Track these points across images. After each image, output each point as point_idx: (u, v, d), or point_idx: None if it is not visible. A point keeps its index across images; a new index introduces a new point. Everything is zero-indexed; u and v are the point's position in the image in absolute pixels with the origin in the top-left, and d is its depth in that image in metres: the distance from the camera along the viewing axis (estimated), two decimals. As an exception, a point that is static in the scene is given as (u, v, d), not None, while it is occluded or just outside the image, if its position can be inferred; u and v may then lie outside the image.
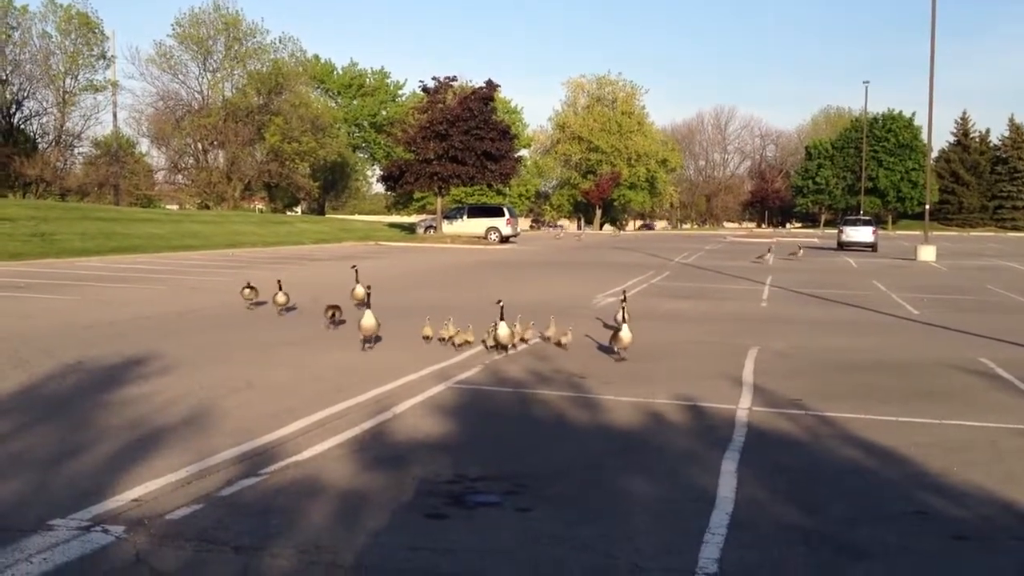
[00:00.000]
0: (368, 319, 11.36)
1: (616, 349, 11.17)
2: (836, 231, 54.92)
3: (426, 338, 11.93)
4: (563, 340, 11.93)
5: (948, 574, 4.77)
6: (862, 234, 49.33)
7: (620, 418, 8.16)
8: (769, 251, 38.20)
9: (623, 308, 12.25)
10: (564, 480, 6.28)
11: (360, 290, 15.35)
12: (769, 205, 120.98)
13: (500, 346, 11.37)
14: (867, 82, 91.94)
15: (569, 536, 5.12)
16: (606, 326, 12.17)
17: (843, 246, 48.98)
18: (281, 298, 14.77)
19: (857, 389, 9.75)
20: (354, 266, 16.83)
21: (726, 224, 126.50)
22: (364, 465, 6.48)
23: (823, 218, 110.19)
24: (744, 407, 8.68)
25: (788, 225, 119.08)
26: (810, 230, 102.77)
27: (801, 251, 40.57)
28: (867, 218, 55.25)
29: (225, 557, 4.69)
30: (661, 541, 5.07)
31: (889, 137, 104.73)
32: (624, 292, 12.75)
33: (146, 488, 5.74)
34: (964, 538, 5.26)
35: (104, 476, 5.98)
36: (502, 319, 11.20)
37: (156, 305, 16.73)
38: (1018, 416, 8.51)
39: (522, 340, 11.90)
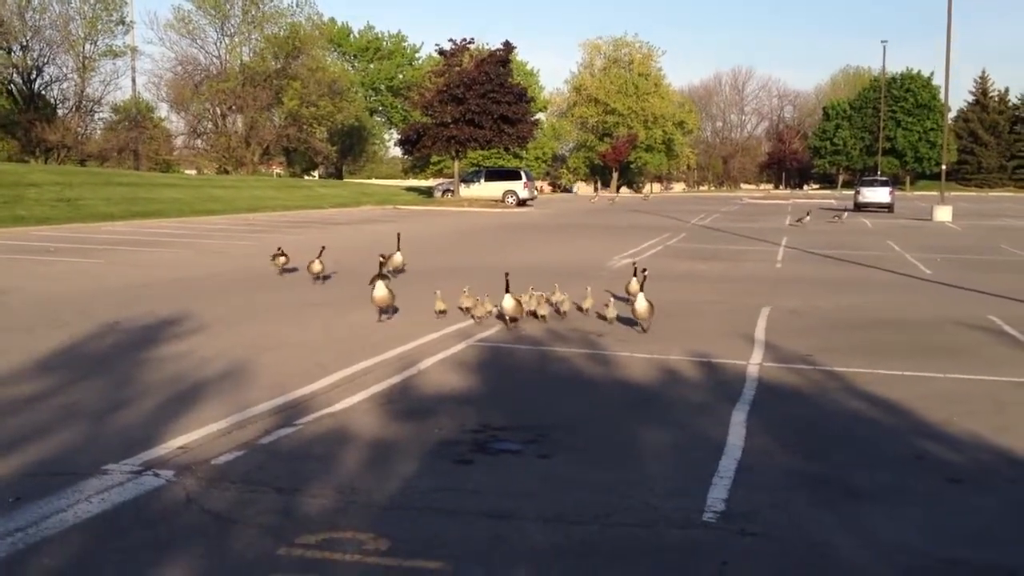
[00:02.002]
0: (380, 290, 10.91)
1: (637, 320, 10.65)
2: (853, 192, 54.78)
3: (440, 312, 11.17)
4: (584, 305, 11.50)
5: (940, 512, 5.11)
6: (879, 195, 49.29)
7: (635, 373, 8.51)
8: (808, 214, 37.51)
9: (635, 278, 11.90)
10: (582, 430, 6.65)
11: (399, 257, 15.28)
12: (787, 167, 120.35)
13: (507, 318, 10.80)
14: (885, 42, 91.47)
15: (586, 480, 5.49)
16: (616, 297, 12.08)
17: (860, 207, 48.93)
18: (316, 266, 14.45)
19: (865, 345, 10.06)
20: (399, 233, 16.61)
21: (743, 186, 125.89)
22: (393, 416, 6.86)
23: (841, 179, 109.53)
24: (755, 363, 9.01)
25: (805, 186, 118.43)
26: (827, 191, 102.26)
27: (808, 216, 38.09)
28: (884, 179, 55.12)
29: (268, 497, 5.08)
30: (673, 484, 5.44)
31: (907, 97, 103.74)
32: (635, 265, 12.50)
33: (190, 437, 6.14)
34: (958, 480, 5.60)
35: (151, 426, 6.39)
36: (507, 291, 10.63)
37: (184, 268, 17.17)
38: (1021, 370, 8.81)
39: (533, 314, 11.10)
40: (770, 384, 8.16)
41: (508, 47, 56.03)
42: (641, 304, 10.47)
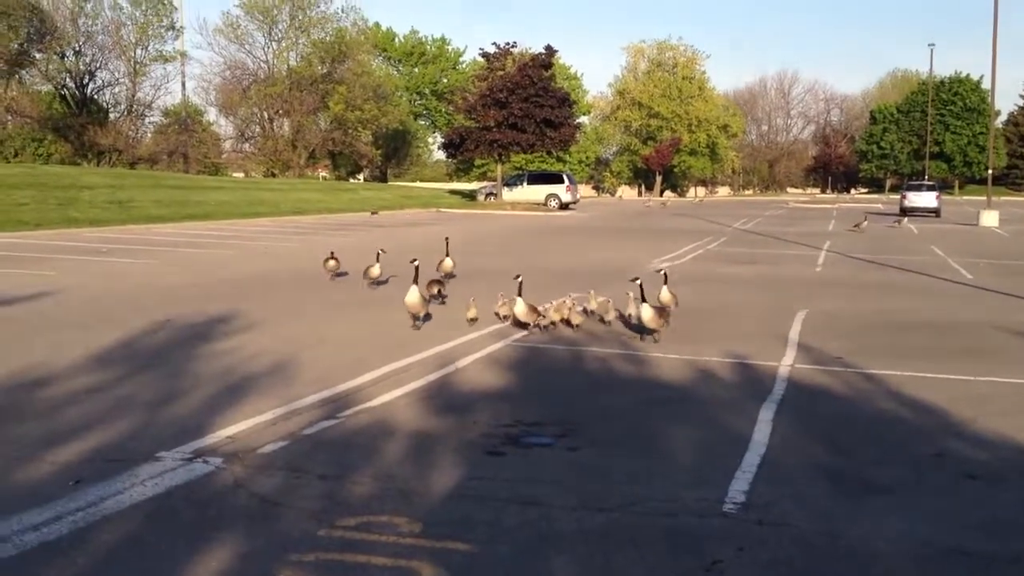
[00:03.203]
0: (412, 295, 10.58)
1: (646, 328, 10.24)
2: (899, 196, 54.23)
3: (472, 320, 10.95)
4: (607, 318, 11.17)
5: (953, 505, 5.28)
6: (925, 199, 48.79)
7: (667, 373, 8.71)
8: (865, 219, 36.51)
9: (665, 286, 11.60)
10: (611, 425, 6.88)
11: (449, 262, 14.91)
12: (832, 171, 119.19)
13: (519, 323, 10.62)
14: (932, 45, 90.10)
15: (612, 471, 5.73)
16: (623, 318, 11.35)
17: (906, 211, 48.43)
18: (375, 271, 14.06)
19: (898, 348, 10.16)
20: (447, 238, 16.09)
21: (789, 190, 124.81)
22: (430, 411, 7.15)
23: (888, 183, 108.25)
24: (787, 364, 9.17)
25: (852, 191, 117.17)
26: (874, 195, 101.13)
27: (866, 221, 36.71)
28: (931, 183, 54.51)
29: (311, 483, 5.38)
30: (696, 476, 5.65)
31: (956, 100, 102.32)
32: (664, 272, 12.09)
33: (238, 427, 6.47)
34: (975, 477, 5.75)
35: (200, 417, 6.73)
36: (519, 295, 10.46)
37: (232, 269, 17.65)
38: (1052, 374, 8.87)
39: (567, 323, 10.75)
40: (800, 384, 8.32)
41: (550, 51, 56.32)
42: (647, 312, 9.99)
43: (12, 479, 5.36)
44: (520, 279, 10.91)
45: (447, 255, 15.13)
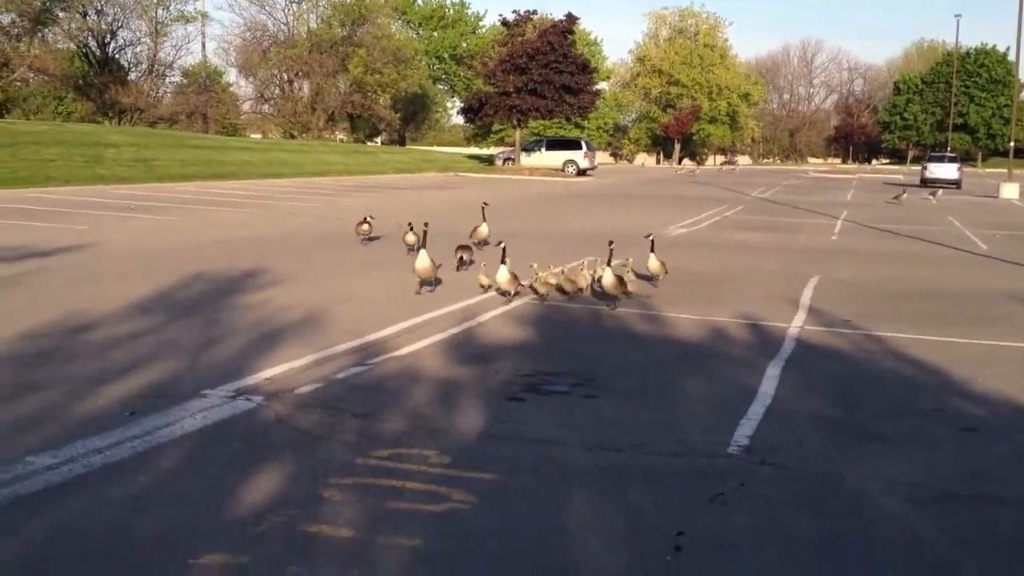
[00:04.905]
0: (422, 260, 10.50)
1: (606, 294, 10.11)
2: (920, 168, 54.14)
3: (484, 287, 10.60)
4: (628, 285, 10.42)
5: (948, 454, 5.64)
6: (946, 171, 48.70)
7: (680, 331, 9.09)
8: (905, 192, 36.03)
9: (652, 254, 11.44)
10: (626, 377, 7.27)
11: (484, 228, 14.53)
12: (854, 141, 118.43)
13: (501, 291, 10.33)
14: (959, 15, 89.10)
15: (626, 417, 6.12)
16: (638, 275, 11.24)
17: (926, 183, 48.35)
18: (411, 238, 13.35)
19: (907, 313, 10.48)
20: (485, 203, 15.52)
21: (810, 160, 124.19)
22: (454, 360, 7.55)
23: (910, 154, 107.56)
24: (797, 325, 9.50)
25: (874, 161, 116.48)
26: (896, 166, 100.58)
27: (905, 194, 35.80)
28: (952, 155, 54.35)
29: (345, 420, 5.80)
30: (704, 423, 6.03)
31: (981, 72, 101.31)
32: (651, 239, 11.72)
33: (275, 370, 6.89)
34: (972, 430, 6.11)
35: (240, 361, 7.16)
36: (503, 262, 10.08)
37: (258, 227, 18.08)
38: (1055, 339, 9.18)
39: (561, 290, 10.38)
40: (809, 344, 8.67)
41: (571, 18, 56.19)
42: (607, 277, 9.80)
43: (72, 411, 5.79)
44: (503, 244, 10.52)
45: (484, 221, 14.78)
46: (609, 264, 9.90)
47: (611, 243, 10.29)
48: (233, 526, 4.18)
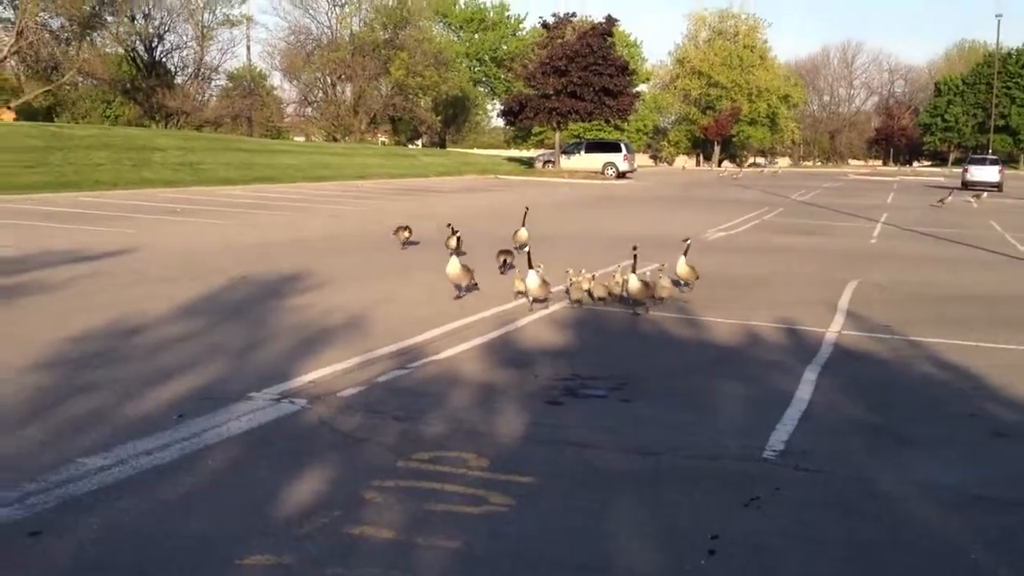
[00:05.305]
0: (452, 266, 10.54)
1: (633, 300, 10.12)
2: (960, 170, 53.41)
3: (519, 293, 10.45)
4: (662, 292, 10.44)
5: (983, 459, 5.67)
6: (987, 173, 48.00)
7: (718, 335, 9.14)
8: (951, 195, 35.85)
9: (683, 257, 11.31)
10: (663, 380, 7.36)
11: (524, 233, 14.37)
12: (895, 143, 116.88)
13: (533, 299, 10.09)
14: (1000, 16, 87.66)
15: (662, 421, 6.21)
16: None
17: (967, 185, 47.72)
18: (453, 242, 13.32)
19: (946, 318, 10.44)
20: (527, 208, 15.39)
21: (851, 162, 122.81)
22: (493, 364, 7.68)
23: (951, 157, 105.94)
24: (835, 330, 9.52)
25: (915, 163, 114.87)
26: (937, 168, 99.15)
27: (951, 196, 35.68)
28: (994, 157, 53.59)
29: (387, 423, 5.95)
30: (740, 427, 6.10)
31: (1023, 73, 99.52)
32: (687, 242, 11.67)
33: (319, 374, 7.06)
34: (1002, 435, 6.13)
35: (284, 364, 7.34)
36: (531, 267, 9.90)
37: (301, 230, 18.37)
38: (1095, 345, 9.11)
39: (591, 295, 10.36)
40: (846, 349, 8.68)
41: (611, 20, 56.26)
42: (634, 284, 9.82)
43: (123, 413, 6.00)
44: (528, 249, 10.42)
45: (523, 225, 14.70)
46: (634, 270, 9.88)
47: (635, 248, 10.29)
48: (277, 527, 4.34)
